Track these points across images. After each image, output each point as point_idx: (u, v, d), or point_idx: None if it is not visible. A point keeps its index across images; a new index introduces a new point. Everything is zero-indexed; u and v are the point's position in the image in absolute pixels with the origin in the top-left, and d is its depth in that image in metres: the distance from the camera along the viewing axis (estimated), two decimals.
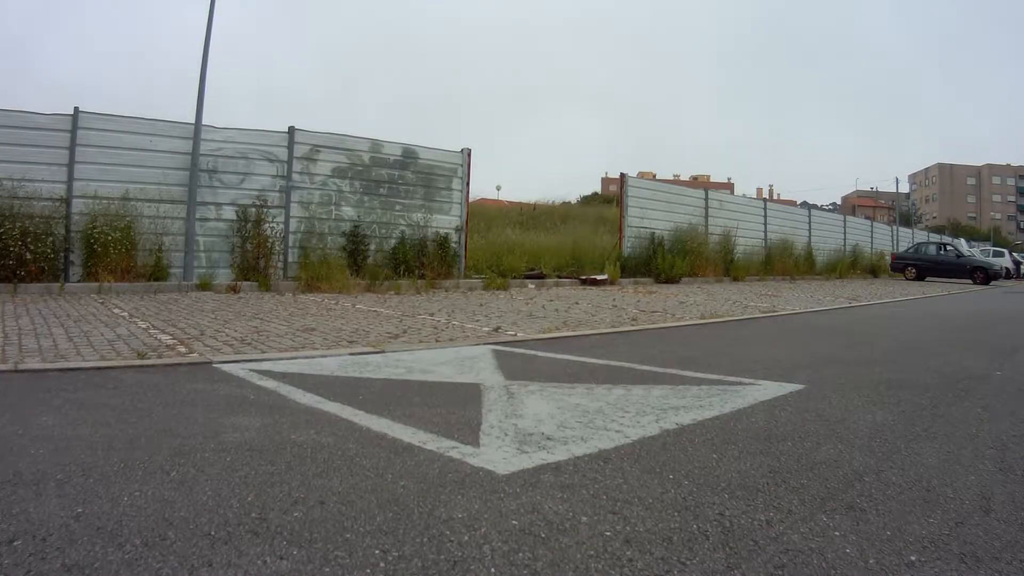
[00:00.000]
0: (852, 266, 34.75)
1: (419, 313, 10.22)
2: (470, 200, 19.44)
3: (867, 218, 51.62)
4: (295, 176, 15.59)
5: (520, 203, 53.03)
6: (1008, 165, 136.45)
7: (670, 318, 10.65)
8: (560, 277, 19.65)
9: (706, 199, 26.47)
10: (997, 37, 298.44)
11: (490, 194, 74.85)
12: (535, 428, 3.97)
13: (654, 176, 69.15)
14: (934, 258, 35.24)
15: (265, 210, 14.85)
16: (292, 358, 6.15)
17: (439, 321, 9.27)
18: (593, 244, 24.06)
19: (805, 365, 6.51)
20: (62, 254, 12.62)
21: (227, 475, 3.03)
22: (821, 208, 65.47)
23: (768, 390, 5.24)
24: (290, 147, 15.54)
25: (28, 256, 11.62)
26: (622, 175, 23.04)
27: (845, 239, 36.61)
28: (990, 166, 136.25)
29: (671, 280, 21.12)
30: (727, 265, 24.99)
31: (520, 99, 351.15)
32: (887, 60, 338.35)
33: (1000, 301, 19.15)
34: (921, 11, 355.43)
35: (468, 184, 18.58)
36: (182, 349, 6.41)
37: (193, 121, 14.04)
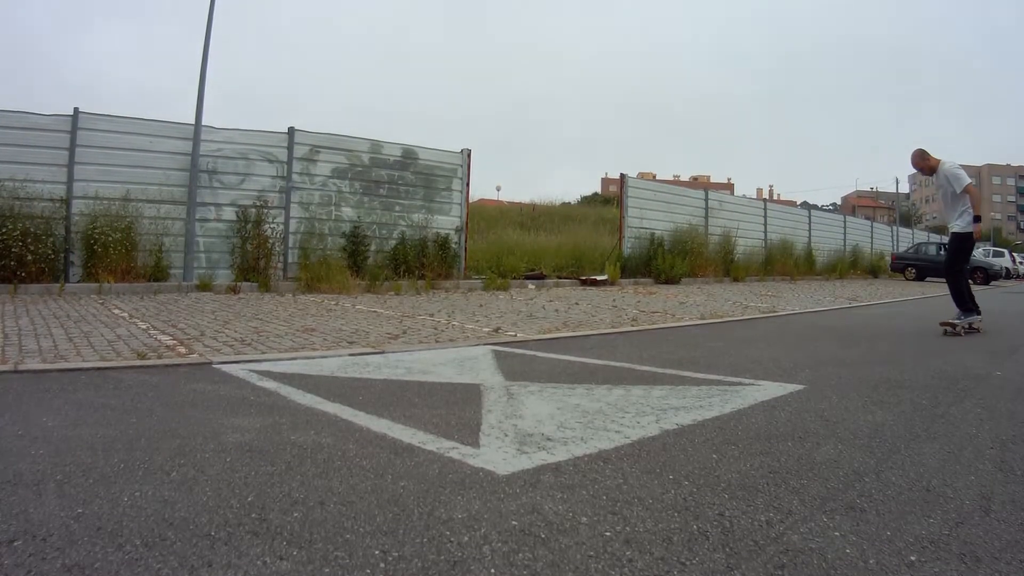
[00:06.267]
0: (852, 266, 34.79)
1: (419, 314, 10.22)
2: (470, 200, 19.46)
3: (867, 218, 51.63)
4: (295, 176, 15.63)
5: (520, 203, 53.11)
6: (1008, 165, 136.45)
7: (670, 318, 10.66)
8: (560, 278, 19.67)
9: (706, 199, 26.50)
10: (1000, 37, 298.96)
11: (490, 194, 74.93)
12: (535, 429, 3.97)
13: (654, 176, 69.22)
14: (934, 258, 35.21)
15: (265, 210, 14.86)
16: (292, 359, 6.15)
17: (439, 322, 9.27)
18: (593, 245, 24.07)
19: (805, 365, 6.51)
20: (62, 255, 12.66)
21: (227, 475, 3.03)
22: (821, 208, 65.49)
23: (768, 390, 5.23)
24: (290, 147, 15.58)
25: (28, 257, 11.64)
26: (622, 175, 23.05)
27: (845, 239, 36.62)
28: (990, 166, 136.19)
29: (671, 280, 21.13)
30: (727, 265, 25.01)
31: (524, 97, 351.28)
32: (889, 59, 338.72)
33: (1000, 301, 19.13)
34: (927, 10, 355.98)
35: (468, 185, 18.61)
36: (182, 350, 6.41)
37: (193, 122, 14.06)
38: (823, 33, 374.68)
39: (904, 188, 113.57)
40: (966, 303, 9.93)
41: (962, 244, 10.04)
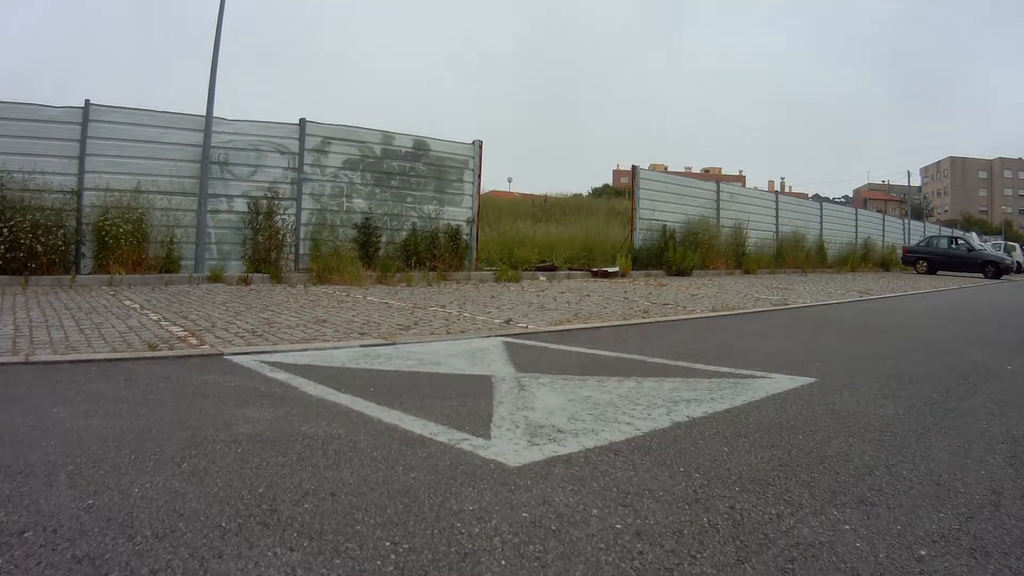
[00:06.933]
0: (863, 259, 34.69)
1: (430, 305, 10.23)
2: (481, 192, 19.44)
3: (879, 211, 51.41)
4: (306, 168, 15.62)
5: (531, 195, 53.16)
6: (1020, 159, 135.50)
7: (681, 310, 10.64)
8: (571, 269, 19.66)
9: (717, 191, 26.41)
10: (1006, 28, 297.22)
11: (501, 186, 74.96)
12: (546, 420, 3.97)
13: (666, 168, 68.97)
14: (945, 252, 35.03)
15: (276, 202, 14.88)
16: (303, 350, 6.16)
17: (450, 313, 9.27)
18: (605, 236, 24.08)
19: (816, 358, 6.49)
20: (73, 246, 12.65)
21: (238, 466, 3.04)
22: (833, 201, 65.28)
23: (779, 383, 5.23)
24: (301, 139, 15.57)
25: (39, 248, 11.65)
26: (633, 167, 23.04)
27: (857, 232, 36.47)
28: (1002, 159, 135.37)
29: (682, 272, 21.09)
30: (738, 258, 24.94)
31: (533, 92, 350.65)
32: (895, 54, 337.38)
33: (1011, 295, 19.07)
34: (932, 6, 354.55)
35: (479, 176, 18.58)
36: (193, 341, 6.42)
37: (204, 113, 14.07)
38: (831, 26, 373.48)
39: (916, 181, 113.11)
40: None
41: None
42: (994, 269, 32.75)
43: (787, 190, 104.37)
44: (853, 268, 32.18)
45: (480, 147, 18.59)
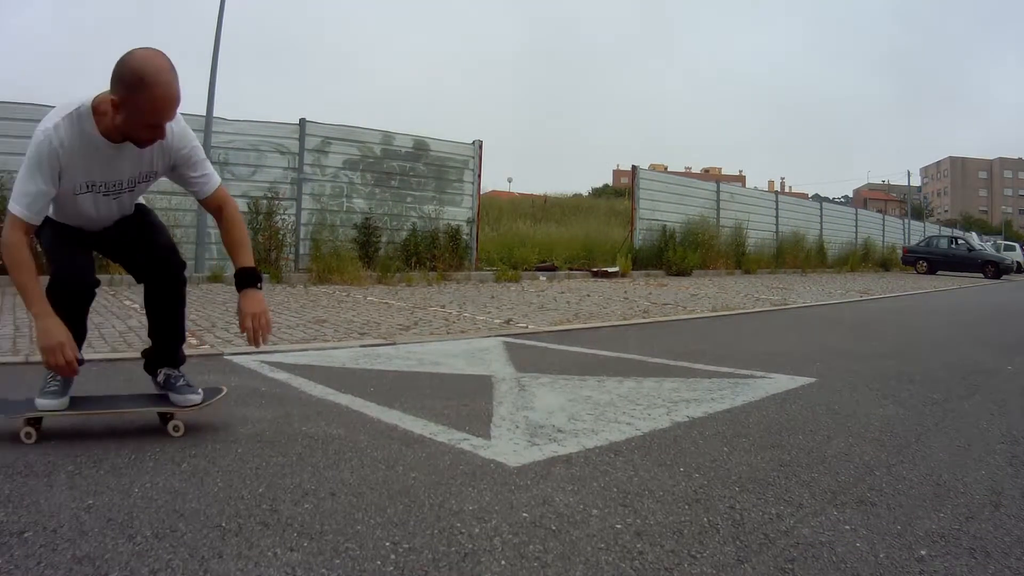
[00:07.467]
0: (864, 259, 34.68)
1: (430, 305, 10.23)
2: (481, 192, 19.45)
3: (879, 211, 51.41)
4: (306, 168, 15.63)
5: (531, 195, 53.14)
6: (1020, 159, 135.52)
7: (681, 311, 10.64)
8: (572, 269, 19.67)
9: (717, 191, 26.45)
10: (1012, 30, 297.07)
11: (501, 186, 74.97)
12: (546, 420, 3.97)
13: (666, 168, 68.94)
14: (945, 252, 35.05)
15: (276, 202, 14.87)
16: (303, 350, 6.16)
17: (450, 313, 9.27)
18: (605, 236, 24.11)
19: (816, 358, 6.49)
20: None
21: (238, 466, 3.04)
22: (833, 201, 65.30)
23: (779, 383, 5.22)
24: (301, 139, 15.58)
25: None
26: (633, 167, 23.06)
27: (857, 232, 36.48)
28: (1002, 159, 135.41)
29: (683, 272, 21.09)
30: (739, 258, 24.93)
31: (533, 92, 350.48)
32: (895, 54, 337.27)
33: (1011, 295, 19.05)
34: (932, 6, 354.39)
35: (480, 176, 18.59)
36: (193, 341, 6.41)
37: (204, 113, 14.06)
38: (831, 25, 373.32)
39: (916, 181, 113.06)
40: None
41: None
42: (994, 269, 32.77)
43: (787, 190, 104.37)
44: (853, 268, 32.17)
45: (480, 147, 18.61)
